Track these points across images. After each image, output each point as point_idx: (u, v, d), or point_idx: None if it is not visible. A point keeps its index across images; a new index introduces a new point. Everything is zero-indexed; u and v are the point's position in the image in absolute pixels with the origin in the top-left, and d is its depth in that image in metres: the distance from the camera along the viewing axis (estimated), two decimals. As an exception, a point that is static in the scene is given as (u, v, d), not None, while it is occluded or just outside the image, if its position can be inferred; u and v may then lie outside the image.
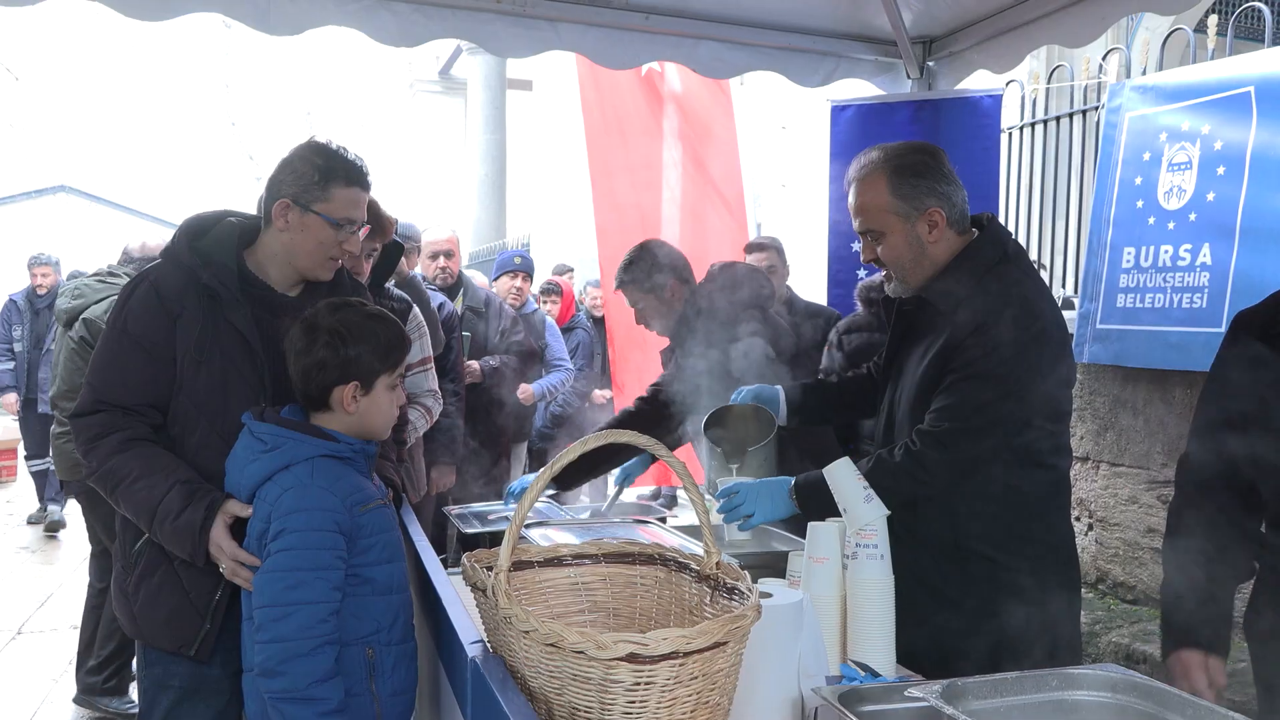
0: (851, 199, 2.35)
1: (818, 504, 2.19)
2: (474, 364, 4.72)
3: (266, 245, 2.27)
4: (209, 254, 2.20)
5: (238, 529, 2.03)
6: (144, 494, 2.06)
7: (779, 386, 2.76)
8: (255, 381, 2.16)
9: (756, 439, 2.67)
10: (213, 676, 2.19)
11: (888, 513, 1.94)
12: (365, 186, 2.28)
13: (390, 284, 3.65)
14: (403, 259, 3.64)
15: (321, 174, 2.21)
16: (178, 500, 2.03)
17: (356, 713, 1.94)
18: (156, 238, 4.74)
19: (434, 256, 4.81)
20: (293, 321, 2.11)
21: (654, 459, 3.28)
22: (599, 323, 6.66)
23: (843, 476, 1.98)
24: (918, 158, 2.29)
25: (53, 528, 7.79)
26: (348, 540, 1.94)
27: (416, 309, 3.71)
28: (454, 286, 4.92)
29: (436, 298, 4.34)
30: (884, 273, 2.39)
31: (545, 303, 6.61)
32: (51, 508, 7.95)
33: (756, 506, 2.34)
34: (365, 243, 3.09)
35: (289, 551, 1.88)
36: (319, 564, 1.88)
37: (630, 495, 3.56)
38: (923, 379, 2.28)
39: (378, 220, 3.16)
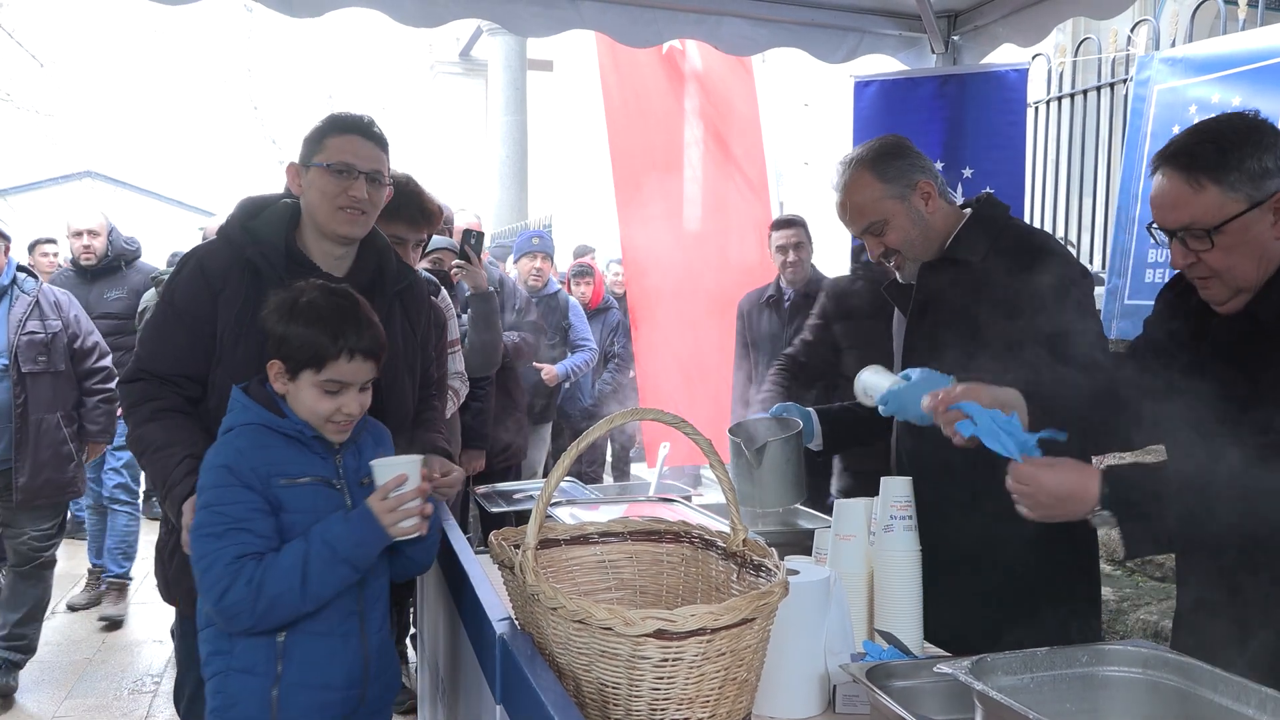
0: (842, 203, 2.41)
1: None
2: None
3: (304, 218, 2.33)
4: (259, 232, 2.28)
5: None
6: (161, 464, 2.14)
7: (811, 409, 2.73)
8: None
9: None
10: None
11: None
12: (365, 134, 2.30)
13: (423, 265, 3.68)
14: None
15: (319, 131, 2.29)
16: (182, 472, 2.10)
17: (347, 655, 1.98)
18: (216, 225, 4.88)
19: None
20: None
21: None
22: (622, 301, 6.66)
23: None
24: (889, 144, 2.42)
25: None
26: (272, 508, 1.92)
27: (445, 293, 3.71)
28: None
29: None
30: (894, 261, 2.42)
31: (579, 285, 6.59)
32: None
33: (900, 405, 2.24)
34: (412, 233, 3.11)
35: (204, 509, 1.89)
36: (232, 517, 1.87)
37: (650, 474, 3.55)
38: (968, 329, 2.24)
39: (422, 208, 3.15)
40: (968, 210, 2.44)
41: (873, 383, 2.29)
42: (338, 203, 2.26)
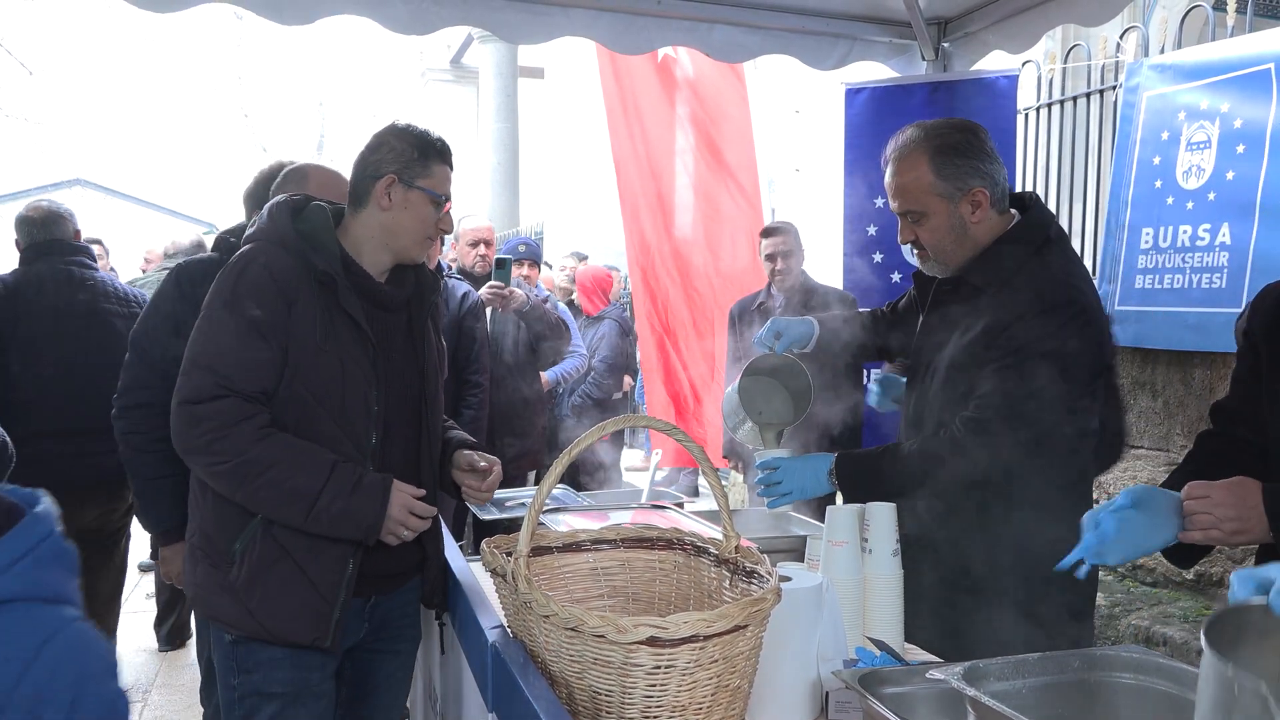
0: (890, 178, 2.27)
1: (855, 485, 2.19)
2: (518, 292, 4.64)
3: (362, 227, 2.20)
4: (313, 238, 2.16)
5: None
6: (300, 480, 2.01)
7: (812, 319, 2.62)
8: (369, 372, 2.13)
9: (787, 399, 2.59)
10: (313, 680, 2.12)
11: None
12: (453, 165, 2.27)
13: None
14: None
15: (420, 151, 2.18)
16: (347, 480, 2.03)
17: None
18: (185, 235, 4.77)
19: (474, 244, 4.79)
20: (392, 314, 2.18)
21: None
22: (628, 306, 6.66)
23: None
24: (960, 136, 2.24)
25: None
26: None
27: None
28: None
29: (460, 286, 4.34)
30: (918, 253, 2.32)
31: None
32: None
33: (795, 484, 2.30)
34: None
35: None
36: None
37: (644, 479, 3.55)
38: (958, 361, 2.22)
39: None
40: (1015, 215, 2.28)
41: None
42: (429, 232, 2.21)
